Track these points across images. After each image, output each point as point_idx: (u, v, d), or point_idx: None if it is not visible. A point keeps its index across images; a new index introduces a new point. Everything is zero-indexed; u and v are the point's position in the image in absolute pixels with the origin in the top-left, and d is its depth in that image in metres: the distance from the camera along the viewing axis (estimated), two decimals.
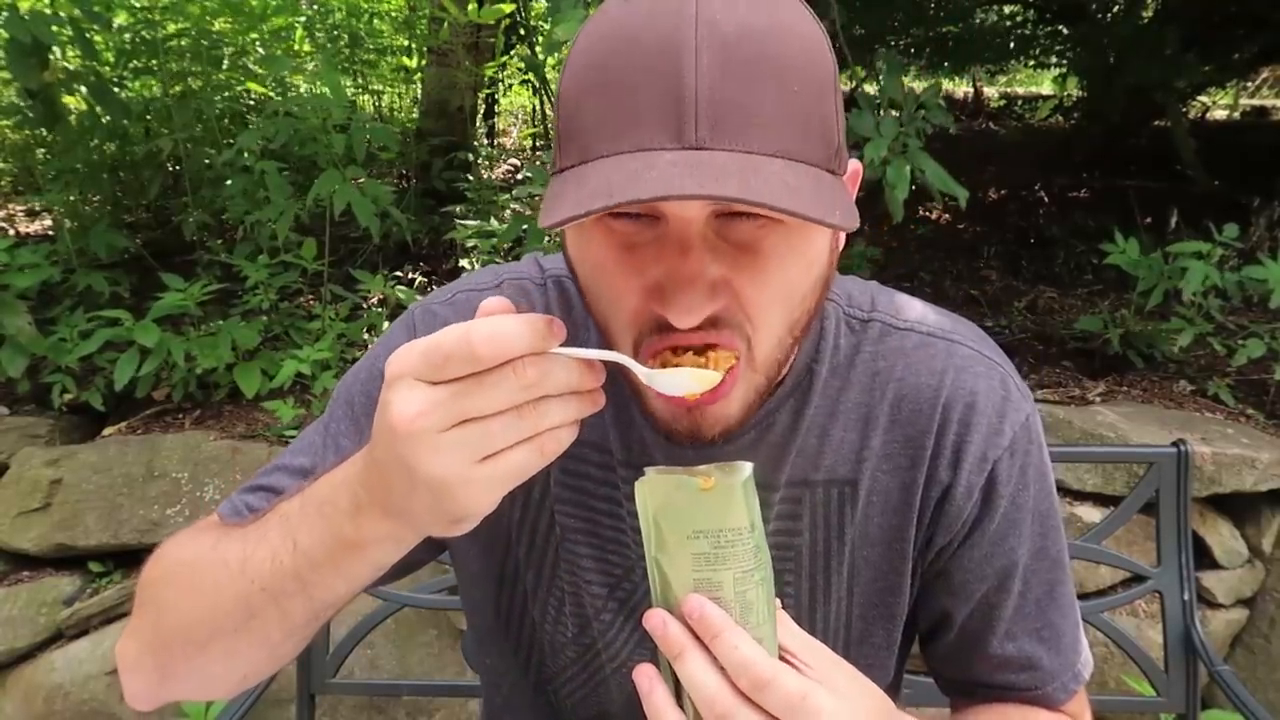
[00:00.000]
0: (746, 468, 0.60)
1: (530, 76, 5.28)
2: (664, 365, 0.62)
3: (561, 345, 0.56)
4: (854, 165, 0.69)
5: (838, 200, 0.57)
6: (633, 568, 0.80)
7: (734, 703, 0.56)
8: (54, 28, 2.85)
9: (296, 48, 4.52)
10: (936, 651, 0.86)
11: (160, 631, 0.71)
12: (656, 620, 0.58)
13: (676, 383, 0.60)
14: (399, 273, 3.34)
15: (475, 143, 4.38)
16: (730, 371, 0.62)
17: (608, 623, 0.82)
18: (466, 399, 0.52)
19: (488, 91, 4.91)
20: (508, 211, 3.27)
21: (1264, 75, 7.52)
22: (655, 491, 0.60)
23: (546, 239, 2.90)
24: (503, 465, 0.54)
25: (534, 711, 0.91)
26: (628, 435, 0.77)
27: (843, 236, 0.69)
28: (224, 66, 3.75)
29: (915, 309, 0.81)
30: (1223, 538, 2.34)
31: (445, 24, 3.93)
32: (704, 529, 0.59)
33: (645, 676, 0.60)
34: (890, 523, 0.78)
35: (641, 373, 0.60)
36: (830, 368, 0.77)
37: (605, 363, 0.74)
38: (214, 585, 0.68)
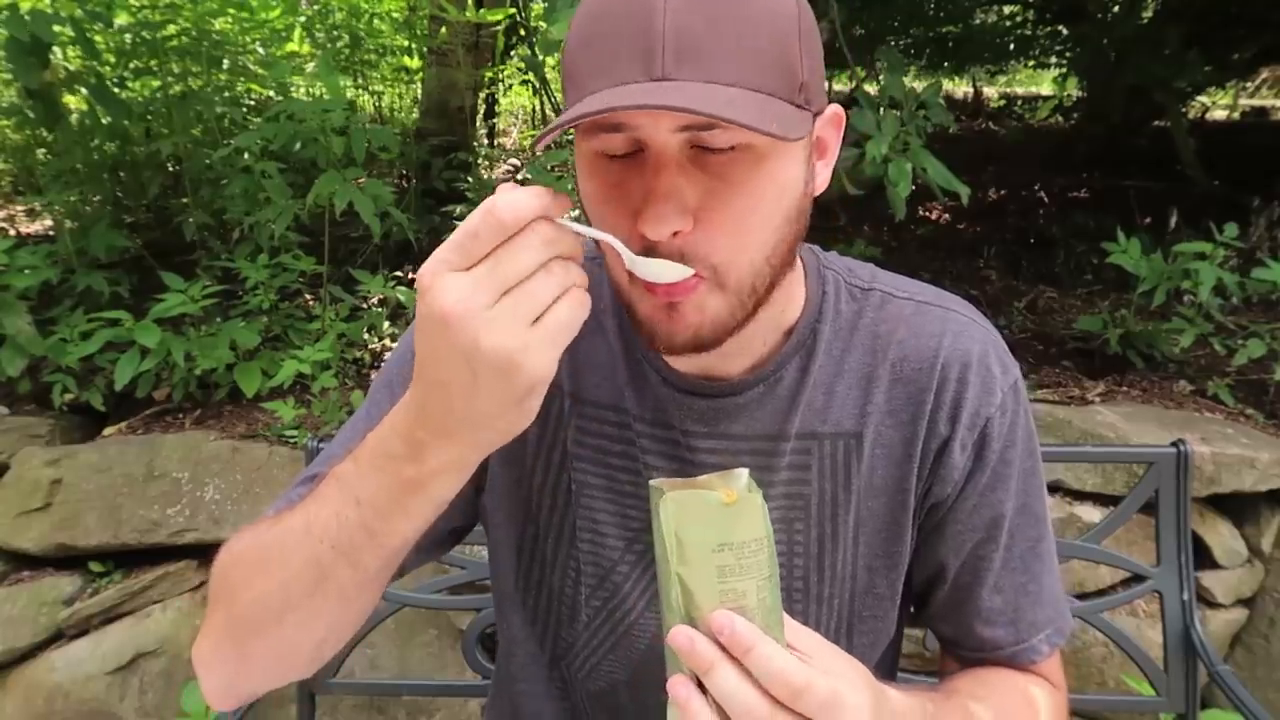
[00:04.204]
0: (743, 472, 0.63)
1: (530, 76, 5.28)
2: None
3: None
4: (835, 109, 0.75)
5: (784, 116, 0.63)
6: (649, 520, 0.83)
7: (770, 710, 0.57)
8: (55, 27, 2.85)
9: (296, 48, 4.52)
10: (932, 608, 0.90)
11: (234, 616, 0.73)
12: (683, 638, 0.59)
13: (654, 270, 0.66)
14: (399, 273, 3.34)
15: (475, 143, 4.38)
16: (696, 279, 0.67)
17: (625, 574, 0.86)
18: (503, 265, 0.57)
19: (488, 91, 4.91)
20: None
21: (1264, 75, 7.52)
22: (679, 507, 0.61)
23: None
24: (552, 321, 0.58)
25: (546, 686, 0.94)
26: (643, 393, 0.83)
27: (824, 173, 0.76)
28: (224, 67, 3.75)
29: (912, 284, 0.88)
30: (1222, 538, 2.34)
31: (443, 27, 3.93)
32: (728, 542, 0.60)
33: (681, 685, 0.60)
34: (893, 474, 0.83)
35: (626, 256, 0.65)
36: (833, 330, 0.83)
37: (615, 322, 0.85)
38: (281, 555, 0.70)
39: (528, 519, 0.88)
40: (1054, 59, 5.95)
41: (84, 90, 3.13)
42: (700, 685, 0.60)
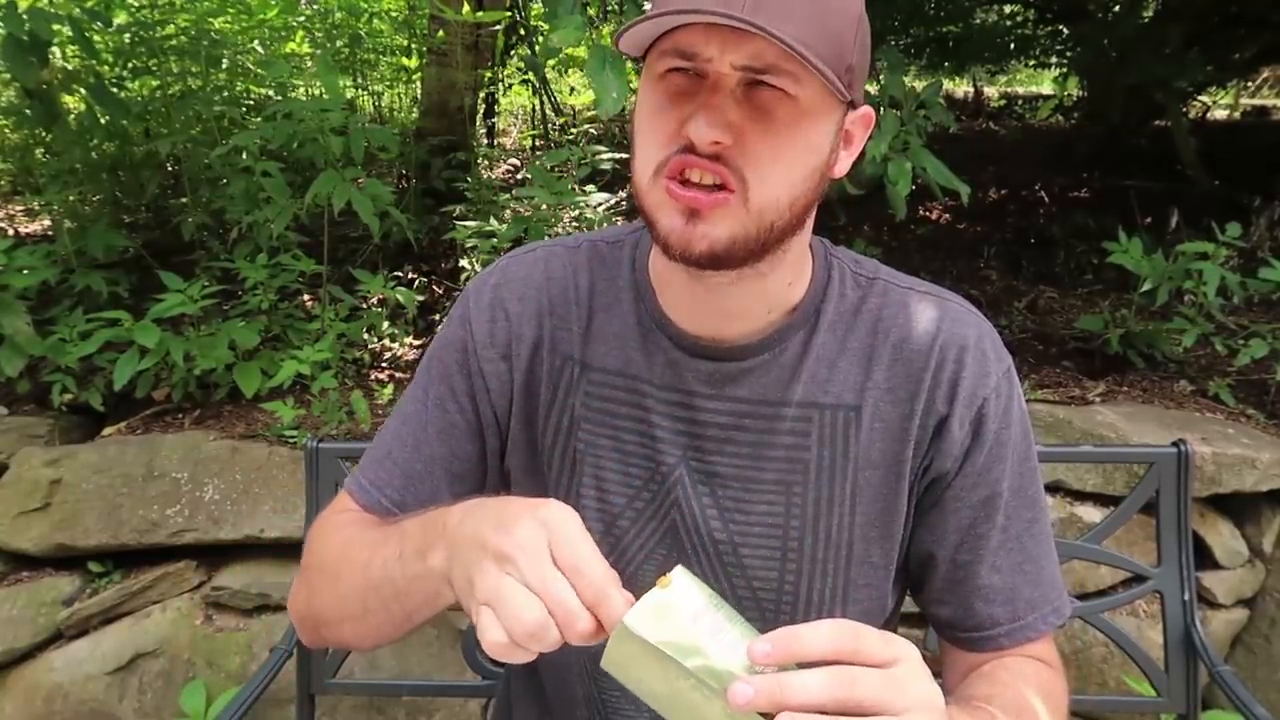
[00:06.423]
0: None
1: (530, 76, 5.28)
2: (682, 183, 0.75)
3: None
4: (868, 110, 0.83)
5: (833, 76, 0.71)
6: (652, 476, 0.90)
7: (850, 671, 0.59)
8: (53, 26, 2.84)
9: (295, 48, 4.52)
10: (931, 590, 0.93)
11: (313, 606, 0.91)
12: (740, 688, 0.58)
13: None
14: (399, 273, 3.33)
15: (475, 143, 4.37)
16: (722, 190, 0.74)
17: (625, 527, 0.92)
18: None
19: (487, 91, 4.90)
20: (508, 211, 3.26)
21: (1264, 75, 7.53)
22: (641, 620, 0.62)
23: (546, 237, 2.90)
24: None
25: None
26: (654, 359, 0.89)
27: (845, 162, 0.83)
28: (223, 66, 3.75)
29: (912, 279, 0.94)
30: (1223, 538, 2.34)
31: (440, 30, 3.92)
32: (695, 610, 0.63)
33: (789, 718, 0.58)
34: (890, 448, 0.87)
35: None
36: (837, 311, 0.89)
37: (632, 296, 0.92)
38: (346, 582, 0.85)
39: (540, 477, 0.95)
40: (1054, 59, 5.95)
41: (82, 90, 3.13)
42: None
